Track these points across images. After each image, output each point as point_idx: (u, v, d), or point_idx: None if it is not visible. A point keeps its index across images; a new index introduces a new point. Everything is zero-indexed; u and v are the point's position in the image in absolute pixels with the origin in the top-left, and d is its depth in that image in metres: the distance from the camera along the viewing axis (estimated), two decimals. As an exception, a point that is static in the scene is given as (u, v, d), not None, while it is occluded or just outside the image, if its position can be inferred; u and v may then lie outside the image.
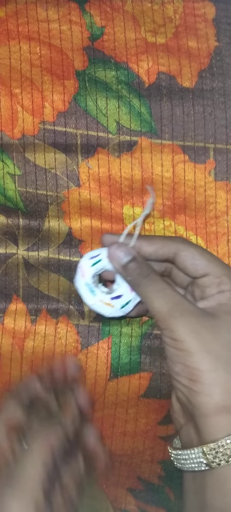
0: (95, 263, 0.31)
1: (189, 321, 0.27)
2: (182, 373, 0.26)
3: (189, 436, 0.28)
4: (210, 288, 0.28)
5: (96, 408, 0.36)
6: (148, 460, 0.38)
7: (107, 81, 0.34)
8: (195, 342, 0.26)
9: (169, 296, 0.27)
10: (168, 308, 0.27)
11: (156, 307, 0.27)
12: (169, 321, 0.27)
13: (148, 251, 0.30)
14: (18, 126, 0.34)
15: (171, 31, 0.34)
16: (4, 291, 0.36)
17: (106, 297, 0.31)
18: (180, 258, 0.29)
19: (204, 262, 0.29)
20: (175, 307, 0.27)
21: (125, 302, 0.31)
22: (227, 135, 0.34)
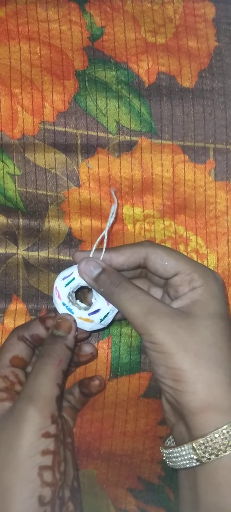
0: (69, 282, 0.31)
1: (165, 323, 0.27)
2: (165, 375, 0.27)
3: (181, 434, 0.28)
4: (182, 287, 0.29)
5: (96, 408, 0.36)
6: (148, 460, 0.38)
7: (107, 81, 0.34)
8: (173, 343, 0.26)
9: (142, 301, 0.28)
10: (143, 313, 0.27)
11: (132, 313, 0.28)
12: (146, 325, 0.27)
13: (119, 262, 0.30)
14: (18, 126, 0.34)
15: (171, 31, 0.34)
16: (4, 291, 0.36)
17: (84, 313, 0.32)
18: (150, 262, 0.30)
19: (173, 262, 0.29)
20: (150, 311, 0.27)
21: (103, 315, 0.31)
22: (227, 135, 0.34)
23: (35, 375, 0.28)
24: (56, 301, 0.32)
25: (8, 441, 0.26)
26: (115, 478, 0.39)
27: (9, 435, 0.27)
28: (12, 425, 0.27)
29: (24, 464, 0.26)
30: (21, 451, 0.26)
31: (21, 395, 0.28)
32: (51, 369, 0.28)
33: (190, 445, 0.26)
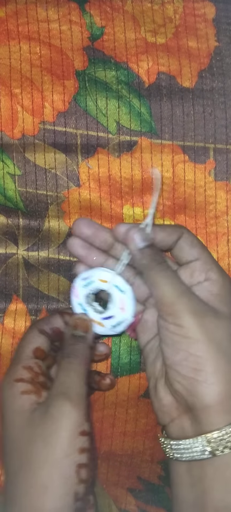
0: (88, 284, 0.31)
1: (194, 309, 0.27)
2: (184, 362, 0.27)
3: (182, 429, 0.28)
4: (198, 272, 0.29)
5: (96, 408, 0.36)
6: (148, 460, 0.38)
7: (107, 81, 0.34)
8: (199, 330, 0.27)
9: (177, 284, 0.28)
10: (176, 294, 0.28)
11: (165, 291, 0.28)
12: (175, 306, 0.27)
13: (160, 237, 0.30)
14: (18, 126, 0.34)
15: (171, 31, 0.34)
16: (4, 291, 0.36)
17: (97, 316, 0.32)
18: (181, 241, 0.30)
19: (200, 249, 0.30)
20: (182, 295, 0.28)
21: (115, 322, 0.31)
22: (227, 135, 0.34)
23: (65, 373, 0.28)
24: (73, 301, 0.32)
25: (45, 438, 0.26)
26: (115, 478, 0.39)
27: (45, 431, 0.26)
28: (49, 421, 0.26)
29: (62, 461, 0.26)
30: (60, 449, 0.26)
31: (54, 391, 0.28)
32: (80, 368, 0.29)
33: (204, 437, 0.26)
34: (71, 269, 0.35)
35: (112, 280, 0.31)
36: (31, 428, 0.27)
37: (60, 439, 0.26)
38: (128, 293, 0.31)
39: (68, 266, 0.35)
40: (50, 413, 0.27)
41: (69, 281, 0.36)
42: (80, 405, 0.27)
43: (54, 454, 0.26)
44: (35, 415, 0.27)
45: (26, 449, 0.27)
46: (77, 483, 0.26)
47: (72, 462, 0.26)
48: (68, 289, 0.36)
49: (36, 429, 0.27)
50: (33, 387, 0.29)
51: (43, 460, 0.26)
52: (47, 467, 0.26)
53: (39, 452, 0.26)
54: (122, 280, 0.31)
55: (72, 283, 0.32)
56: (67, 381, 0.28)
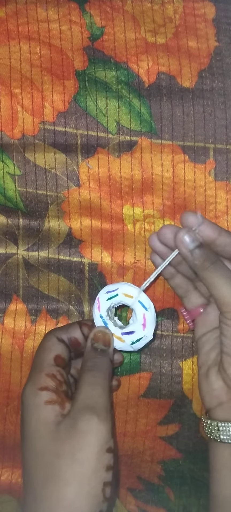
0: (112, 297, 0.31)
1: None
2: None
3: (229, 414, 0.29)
4: None
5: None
6: (148, 460, 0.38)
7: (107, 81, 0.34)
8: None
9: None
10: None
11: (223, 291, 0.29)
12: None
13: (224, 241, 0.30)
14: (18, 126, 0.34)
15: (171, 31, 0.34)
16: (4, 291, 0.36)
17: (118, 331, 0.32)
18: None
19: None
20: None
21: (135, 339, 0.31)
22: (227, 135, 0.34)
23: (91, 387, 0.28)
24: (95, 312, 0.32)
25: (73, 453, 0.25)
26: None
27: (73, 447, 0.26)
28: (77, 436, 0.26)
29: (90, 478, 0.25)
30: (89, 465, 0.25)
31: (80, 405, 0.27)
32: (105, 381, 0.28)
33: None
34: (71, 269, 0.35)
35: (137, 296, 0.31)
36: (58, 442, 0.26)
37: (89, 455, 0.25)
38: (150, 310, 0.31)
39: (68, 266, 0.35)
40: (78, 427, 0.26)
41: (69, 281, 0.36)
42: (107, 420, 0.26)
43: (82, 471, 0.25)
44: (61, 428, 0.26)
45: (52, 463, 0.26)
46: (103, 501, 0.26)
47: (99, 480, 0.25)
48: (68, 289, 0.36)
49: (63, 444, 0.26)
50: (58, 397, 0.28)
51: (71, 476, 0.25)
52: (75, 483, 0.25)
53: (67, 467, 0.25)
54: (146, 296, 0.31)
55: (97, 296, 0.32)
56: (93, 395, 0.27)
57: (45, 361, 0.29)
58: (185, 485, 0.39)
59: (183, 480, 0.38)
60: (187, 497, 0.39)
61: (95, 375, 0.28)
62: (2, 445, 0.39)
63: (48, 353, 0.30)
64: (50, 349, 0.30)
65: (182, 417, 0.37)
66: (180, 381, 0.36)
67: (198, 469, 0.38)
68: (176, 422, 0.37)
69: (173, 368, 0.36)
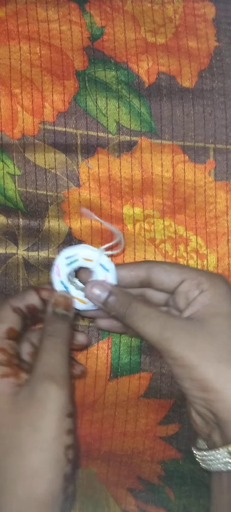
0: (71, 263, 0.31)
1: (181, 336, 0.27)
2: (192, 387, 0.27)
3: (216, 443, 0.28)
4: (191, 292, 0.29)
5: (96, 408, 0.36)
6: (148, 460, 0.38)
7: (107, 81, 0.34)
8: (193, 354, 0.26)
9: (155, 318, 0.28)
10: (158, 331, 0.27)
11: (147, 333, 0.27)
12: (162, 343, 0.27)
13: (121, 274, 0.30)
14: (18, 126, 0.34)
15: (171, 31, 0.34)
16: (4, 291, 0.36)
17: (80, 294, 0.31)
18: (154, 275, 0.30)
19: (177, 270, 0.30)
20: (164, 327, 0.27)
21: None
22: (227, 135, 0.34)
23: (50, 354, 0.28)
24: (55, 279, 0.31)
25: (33, 422, 0.26)
26: (115, 478, 0.39)
27: (33, 415, 0.26)
28: (36, 404, 0.26)
29: (52, 444, 0.26)
30: (49, 432, 0.26)
31: (38, 373, 0.27)
32: (64, 347, 0.28)
33: (225, 448, 0.26)
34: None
35: (98, 259, 0.31)
36: (16, 413, 0.26)
37: (49, 423, 0.26)
38: (111, 271, 0.31)
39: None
40: (36, 396, 0.26)
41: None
42: (66, 387, 0.27)
43: (43, 438, 0.26)
44: (19, 398, 0.27)
45: (12, 434, 0.26)
46: (66, 464, 0.26)
47: (61, 444, 0.26)
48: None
49: (22, 414, 0.26)
50: (11, 370, 0.28)
51: (33, 445, 0.25)
52: (37, 451, 0.25)
53: (28, 437, 0.26)
54: (106, 258, 0.31)
55: (54, 261, 0.31)
56: (52, 362, 0.27)
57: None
58: (185, 485, 0.38)
59: (183, 480, 0.38)
60: (187, 497, 0.39)
61: (55, 341, 0.28)
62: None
63: (0, 326, 0.29)
64: (3, 321, 0.30)
65: (182, 417, 0.37)
66: (180, 381, 0.36)
67: (198, 469, 0.38)
68: (176, 422, 0.37)
69: (173, 368, 0.36)
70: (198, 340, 0.27)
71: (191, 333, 0.27)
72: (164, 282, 0.30)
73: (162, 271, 0.30)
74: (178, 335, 0.27)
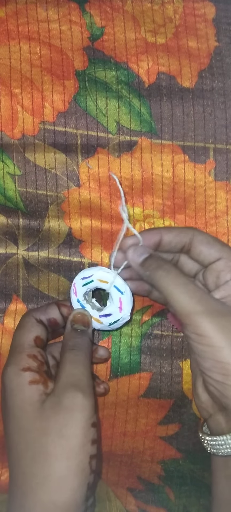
0: (87, 283, 0.32)
1: (214, 316, 0.27)
2: (213, 369, 0.27)
3: (218, 425, 0.28)
4: (224, 272, 0.29)
5: (96, 408, 0.36)
6: (148, 460, 0.38)
7: (107, 81, 0.34)
8: (222, 337, 0.26)
9: (192, 291, 0.27)
10: (192, 303, 0.27)
11: (180, 301, 0.27)
12: (193, 317, 0.27)
13: (168, 238, 0.30)
14: (18, 126, 0.34)
15: (171, 31, 0.34)
16: (4, 291, 0.36)
17: (96, 313, 0.32)
18: (196, 243, 0.30)
19: (218, 246, 0.30)
20: (199, 302, 0.27)
21: (113, 320, 0.32)
22: (227, 135, 0.34)
23: (73, 365, 0.28)
24: (72, 297, 0.33)
25: (59, 430, 0.26)
26: (115, 478, 0.39)
27: (60, 423, 0.26)
28: (63, 413, 0.26)
29: (78, 453, 0.26)
30: (76, 440, 0.26)
31: (64, 383, 0.27)
32: (86, 360, 0.29)
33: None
34: (71, 269, 0.35)
35: (112, 281, 0.31)
36: (44, 420, 0.27)
37: (75, 431, 0.26)
38: (126, 293, 0.31)
39: (68, 266, 0.35)
40: (63, 404, 0.27)
41: (69, 281, 0.36)
42: (91, 396, 0.27)
43: (69, 446, 0.26)
44: (47, 406, 0.27)
45: (39, 441, 0.26)
46: (90, 474, 0.26)
47: (86, 453, 0.26)
48: (69, 289, 0.36)
49: (50, 421, 0.26)
50: (40, 377, 0.28)
51: (59, 452, 0.26)
52: (63, 458, 0.26)
53: (54, 444, 0.26)
54: (121, 280, 0.31)
55: (73, 281, 0.32)
56: (76, 373, 0.28)
57: (26, 342, 0.30)
58: (185, 485, 0.38)
59: (183, 480, 0.38)
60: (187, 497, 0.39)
61: (77, 354, 0.29)
62: (2, 445, 0.39)
63: (28, 334, 0.30)
64: (30, 330, 0.30)
65: (182, 417, 0.37)
66: (180, 381, 0.36)
67: (198, 469, 0.38)
68: (176, 422, 0.37)
69: (173, 368, 0.36)
70: (228, 324, 0.27)
71: (222, 315, 0.27)
72: (203, 253, 0.30)
73: (205, 241, 0.30)
74: (210, 313, 0.27)
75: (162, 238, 0.30)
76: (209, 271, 0.30)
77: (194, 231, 0.30)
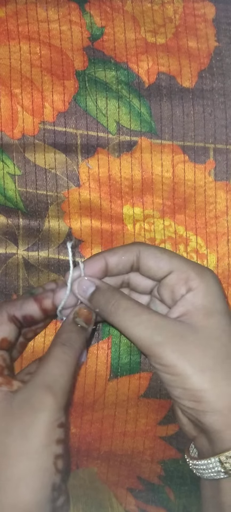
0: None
1: (174, 342, 0.26)
2: (183, 396, 0.26)
3: (203, 447, 0.28)
4: (178, 286, 0.27)
5: (96, 409, 0.36)
6: (148, 460, 0.38)
7: (107, 81, 0.34)
8: (187, 363, 0.25)
9: (146, 320, 0.26)
10: (149, 334, 0.26)
11: (136, 336, 0.26)
12: (153, 348, 0.26)
13: (113, 261, 0.29)
14: (18, 126, 0.34)
15: (171, 31, 0.34)
16: (4, 291, 0.36)
17: None
18: (143, 260, 0.28)
19: (166, 258, 0.28)
20: (156, 331, 0.26)
21: None
22: (227, 135, 0.34)
23: (55, 363, 0.27)
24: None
25: (23, 429, 0.25)
26: (115, 478, 0.39)
27: (24, 423, 0.26)
28: (28, 412, 0.26)
29: (40, 453, 0.25)
30: (39, 440, 0.25)
31: (38, 381, 0.26)
32: (73, 361, 0.27)
33: (216, 458, 0.25)
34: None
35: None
36: (9, 419, 0.26)
37: (39, 431, 0.25)
38: None
39: (68, 266, 0.35)
40: (31, 403, 0.26)
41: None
42: (63, 401, 0.26)
43: (31, 446, 0.25)
44: (14, 404, 0.26)
45: (3, 442, 0.25)
46: (54, 473, 0.26)
47: (50, 453, 0.26)
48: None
49: (14, 419, 0.26)
50: (3, 379, 0.27)
51: (20, 452, 0.25)
52: (25, 459, 0.25)
53: (16, 444, 0.25)
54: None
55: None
56: (55, 373, 0.27)
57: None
58: (185, 485, 0.38)
59: (183, 480, 0.38)
60: (187, 497, 0.39)
61: (66, 351, 0.27)
62: None
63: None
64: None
65: (182, 417, 0.37)
66: (180, 381, 0.36)
67: (198, 469, 0.38)
68: (176, 422, 0.37)
69: (173, 368, 0.36)
70: (192, 348, 0.25)
71: (184, 339, 0.26)
72: (152, 268, 0.28)
73: (152, 256, 0.28)
74: (171, 340, 0.25)
75: (107, 263, 0.29)
76: (163, 287, 0.28)
77: (140, 247, 0.29)
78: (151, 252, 0.28)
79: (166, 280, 0.28)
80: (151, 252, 0.28)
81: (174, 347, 0.25)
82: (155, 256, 0.28)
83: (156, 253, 0.28)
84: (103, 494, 0.38)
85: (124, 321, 0.27)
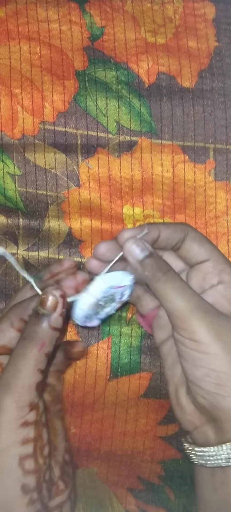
0: None
1: (211, 323, 0.26)
2: (206, 378, 0.26)
3: (205, 437, 0.28)
4: (211, 275, 0.28)
5: (96, 409, 0.36)
6: (148, 460, 0.38)
7: (107, 81, 0.34)
8: (219, 344, 0.26)
9: (190, 295, 0.26)
10: (190, 307, 0.26)
11: (176, 305, 0.26)
12: (190, 322, 0.26)
13: (166, 234, 0.29)
14: (18, 126, 0.34)
15: (171, 31, 0.34)
16: (4, 291, 0.36)
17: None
18: (188, 240, 0.29)
19: (209, 246, 0.29)
20: (197, 307, 0.26)
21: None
22: (227, 135, 0.34)
23: (14, 361, 0.26)
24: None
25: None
26: (115, 478, 0.39)
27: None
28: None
29: (3, 455, 0.25)
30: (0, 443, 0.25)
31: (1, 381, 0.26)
32: (32, 354, 0.26)
33: (229, 445, 0.26)
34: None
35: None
36: None
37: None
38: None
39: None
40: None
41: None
42: (23, 396, 0.25)
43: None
44: None
45: None
46: (22, 475, 0.25)
47: (14, 455, 0.25)
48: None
49: None
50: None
51: None
52: None
53: None
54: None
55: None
56: (14, 370, 0.26)
57: None
58: (185, 485, 0.38)
59: (183, 480, 0.38)
60: (187, 497, 0.39)
61: (24, 345, 0.26)
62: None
63: None
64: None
65: (182, 417, 0.37)
66: (180, 381, 0.36)
67: (198, 469, 0.38)
68: (176, 422, 0.37)
69: (173, 368, 0.36)
70: (225, 331, 0.26)
71: (219, 323, 0.26)
72: (193, 250, 0.29)
73: (197, 239, 0.29)
74: (208, 319, 0.26)
75: (160, 234, 0.29)
76: (195, 271, 0.29)
77: (188, 228, 0.29)
78: (197, 235, 0.29)
79: (201, 266, 0.29)
80: (197, 235, 0.29)
81: (210, 326, 0.26)
82: (200, 240, 0.29)
83: (201, 238, 0.29)
84: (103, 493, 0.38)
85: (170, 288, 0.27)
